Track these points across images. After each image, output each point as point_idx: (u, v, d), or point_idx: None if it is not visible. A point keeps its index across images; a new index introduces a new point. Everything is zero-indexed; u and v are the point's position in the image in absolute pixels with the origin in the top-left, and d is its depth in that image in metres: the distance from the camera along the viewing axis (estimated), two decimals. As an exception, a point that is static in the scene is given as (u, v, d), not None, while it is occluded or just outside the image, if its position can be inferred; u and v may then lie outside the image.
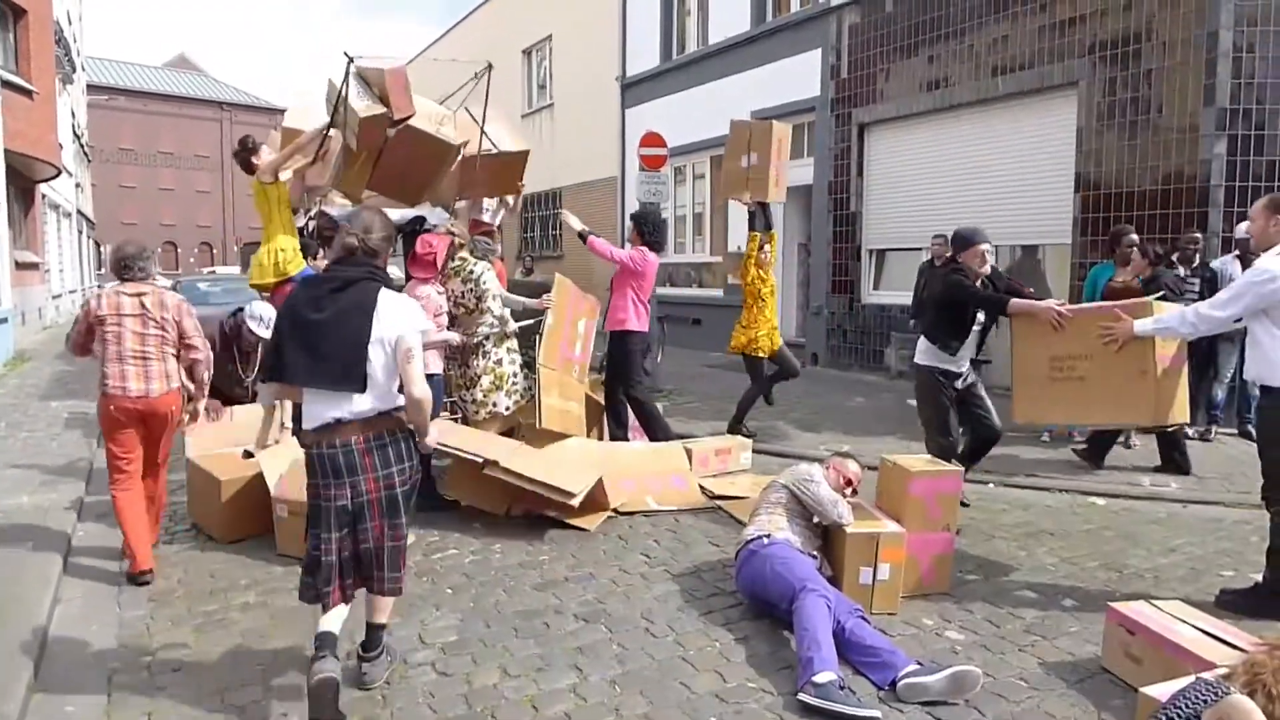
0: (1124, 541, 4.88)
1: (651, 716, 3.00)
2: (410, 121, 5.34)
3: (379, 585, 3.12)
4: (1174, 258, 6.99)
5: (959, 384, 5.12)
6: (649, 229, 6.46)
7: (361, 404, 2.96)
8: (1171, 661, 2.97)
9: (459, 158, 5.87)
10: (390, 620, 3.27)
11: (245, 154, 5.76)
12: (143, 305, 4.28)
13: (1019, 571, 4.39)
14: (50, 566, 4.29)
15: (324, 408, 2.97)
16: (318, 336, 2.93)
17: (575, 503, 4.79)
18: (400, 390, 3.04)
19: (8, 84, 13.71)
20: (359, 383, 2.92)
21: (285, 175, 5.61)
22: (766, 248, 7.22)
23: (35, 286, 18.19)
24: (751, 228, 7.35)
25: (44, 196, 19.13)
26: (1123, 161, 8.28)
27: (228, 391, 5.96)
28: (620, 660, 3.41)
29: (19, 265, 15.02)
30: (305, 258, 5.77)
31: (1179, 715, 2.38)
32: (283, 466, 4.70)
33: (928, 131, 10.49)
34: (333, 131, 5.59)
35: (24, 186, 17.01)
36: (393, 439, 3.04)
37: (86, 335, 4.33)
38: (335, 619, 3.02)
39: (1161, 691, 2.67)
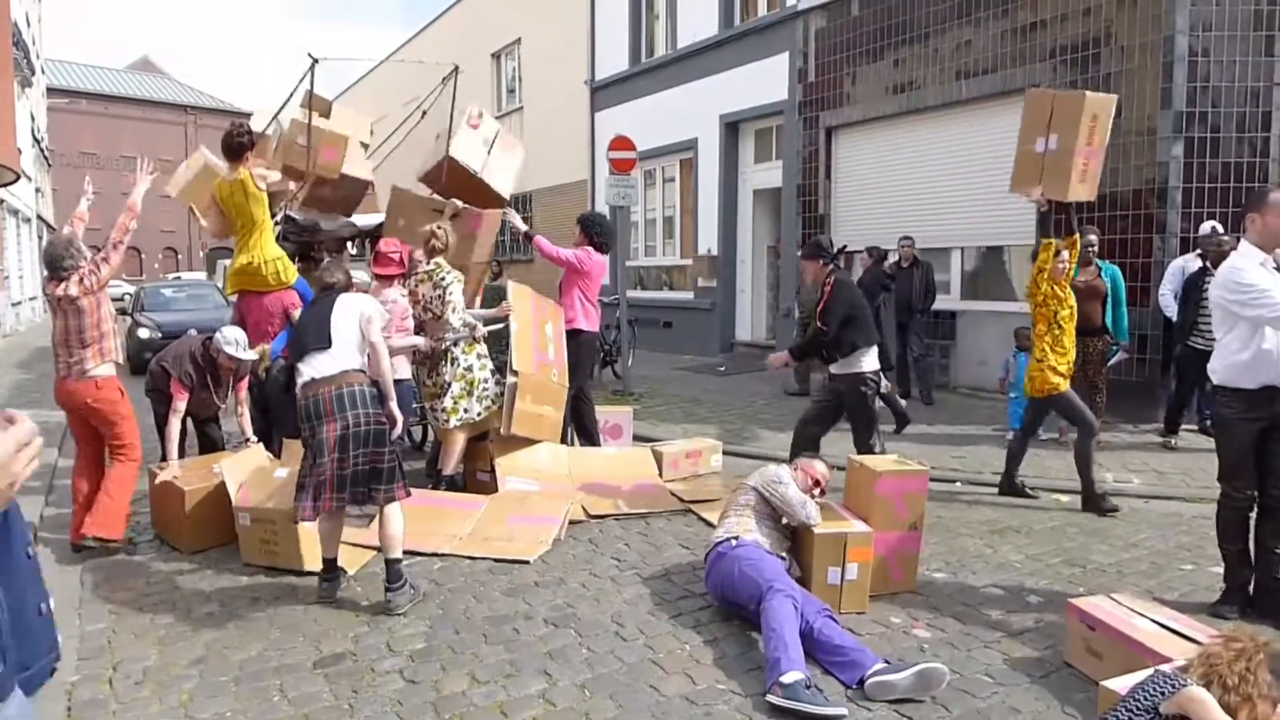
0: (1087, 537, 4.96)
1: (621, 720, 3.00)
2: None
3: (378, 496, 3.86)
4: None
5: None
6: (595, 230, 6.50)
7: (327, 367, 3.91)
8: (1130, 655, 3.03)
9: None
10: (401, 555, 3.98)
11: (242, 144, 5.51)
12: (59, 300, 4.66)
13: (985, 569, 4.44)
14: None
15: (306, 373, 3.93)
16: (306, 327, 4.12)
17: (532, 558, 4.59)
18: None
19: (-37, 87, 13.42)
20: (326, 342, 3.96)
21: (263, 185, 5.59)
22: (1065, 255, 5.50)
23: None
24: (1046, 233, 5.58)
25: (3, 202, 18.72)
26: (1084, 164, 8.40)
27: (203, 415, 5.76)
28: (590, 664, 3.41)
29: (-24, 272, 14.69)
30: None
31: (1138, 707, 2.42)
32: (243, 475, 4.65)
33: (895, 134, 10.60)
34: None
35: (-19, 192, 16.65)
36: (350, 389, 3.87)
37: None
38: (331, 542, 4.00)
39: (1121, 685, 2.72)
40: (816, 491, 4.11)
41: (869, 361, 5.28)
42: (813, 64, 11.49)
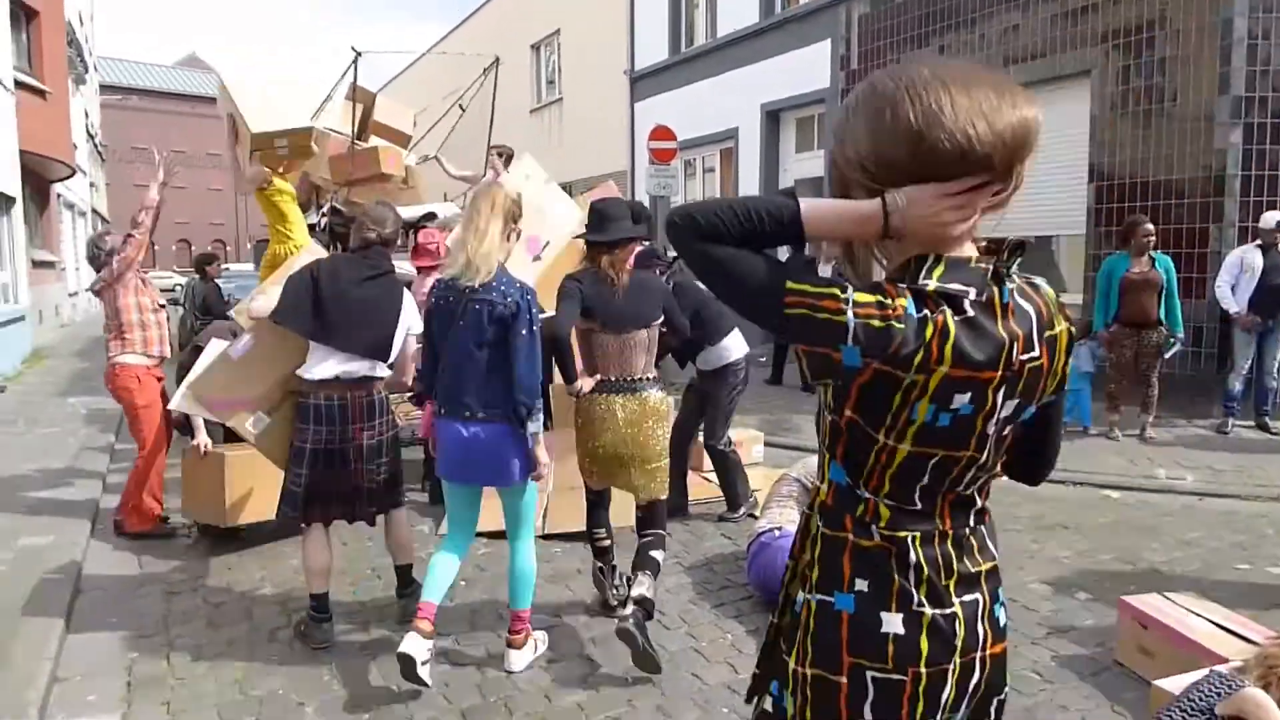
0: (1138, 535, 4.86)
1: (664, 708, 3.02)
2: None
3: (382, 507, 3.64)
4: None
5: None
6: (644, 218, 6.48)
7: (359, 369, 3.47)
8: (1185, 655, 2.96)
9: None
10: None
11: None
12: (95, 291, 4.92)
13: (1032, 565, 4.38)
14: (70, 560, 4.34)
15: (332, 368, 3.43)
16: (360, 312, 3.43)
17: None
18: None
19: (22, 85, 13.81)
20: (386, 356, 3.52)
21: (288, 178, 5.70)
22: None
23: (52, 285, 18.35)
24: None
25: (59, 196, 19.28)
26: (1137, 151, 8.20)
27: None
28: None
29: (36, 264, 15.15)
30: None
31: (1193, 708, 2.37)
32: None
33: (939, 123, 10.42)
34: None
35: (40, 186, 17.14)
36: (368, 399, 3.53)
37: None
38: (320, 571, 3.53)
39: (1175, 685, 2.66)
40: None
41: (734, 350, 5.01)
42: (855, 51, 11.34)
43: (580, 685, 3.18)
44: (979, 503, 1.33)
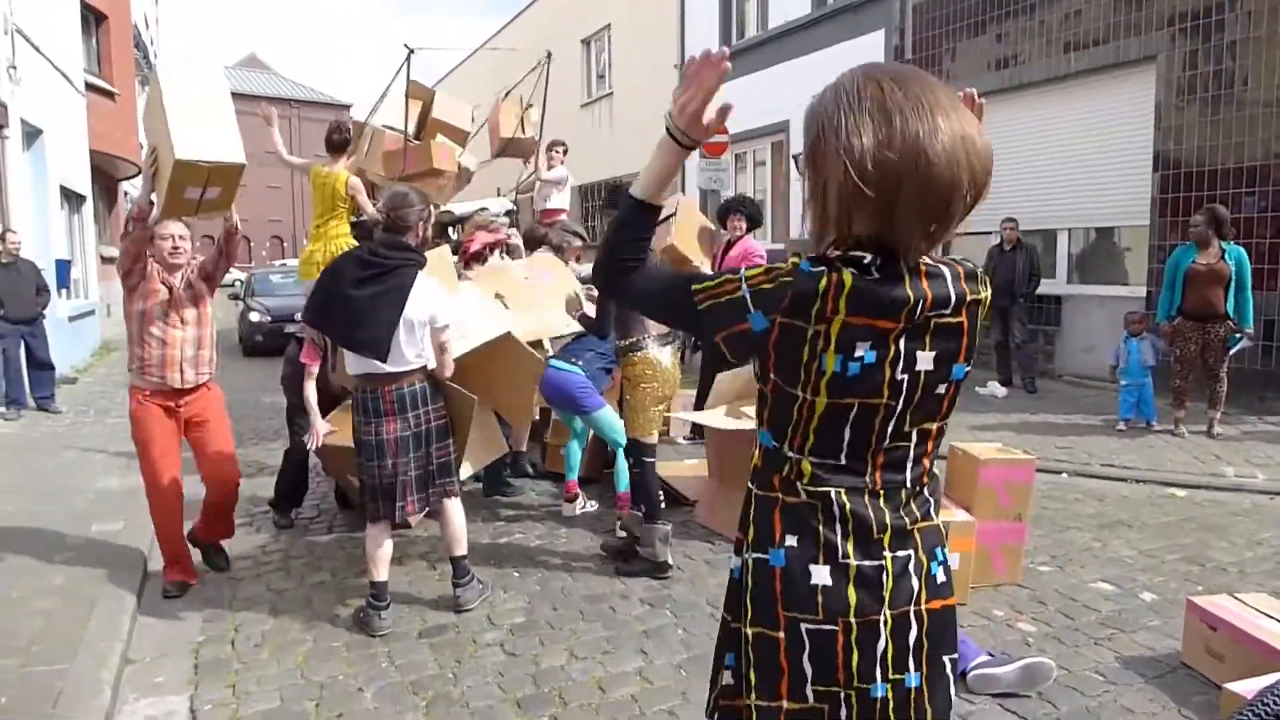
0: (1206, 534, 4.71)
1: (717, 701, 3.02)
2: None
3: (435, 496, 3.69)
4: None
5: None
6: (752, 212, 6.54)
7: (385, 365, 3.52)
8: (1256, 658, 2.87)
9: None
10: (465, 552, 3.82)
11: (344, 140, 5.99)
12: None
13: (1094, 563, 4.27)
14: (139, 546, 4.49)
15: (361, 363, 3.56)
16: (357, 311, 3.48)
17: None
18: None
19: (92, 87, 14.29)
20: (383, 356, 3.50)
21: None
22: None
23: (119, 279, 18.94)
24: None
25: (126, 194, 19.90)
26: (1204, 139, 7.92)
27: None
28: (686, 645, 3.43)
29: (104, 259, 15.68)
30: None
31: (1267, 712, 2.29)
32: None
33: (996, 112, 10.16)
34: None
35: (108, 185, 17.74)
36: (410, 389, 3.57)
37: None
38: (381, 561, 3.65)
39: (1246, 688, 2.58)
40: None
41: None
42: (910, 40, 11.14)
43: (635, 677, 3.19)
44: (918, 464, 1.37)
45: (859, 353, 1.25)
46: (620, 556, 4.28)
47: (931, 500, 1.40)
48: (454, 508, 3.77)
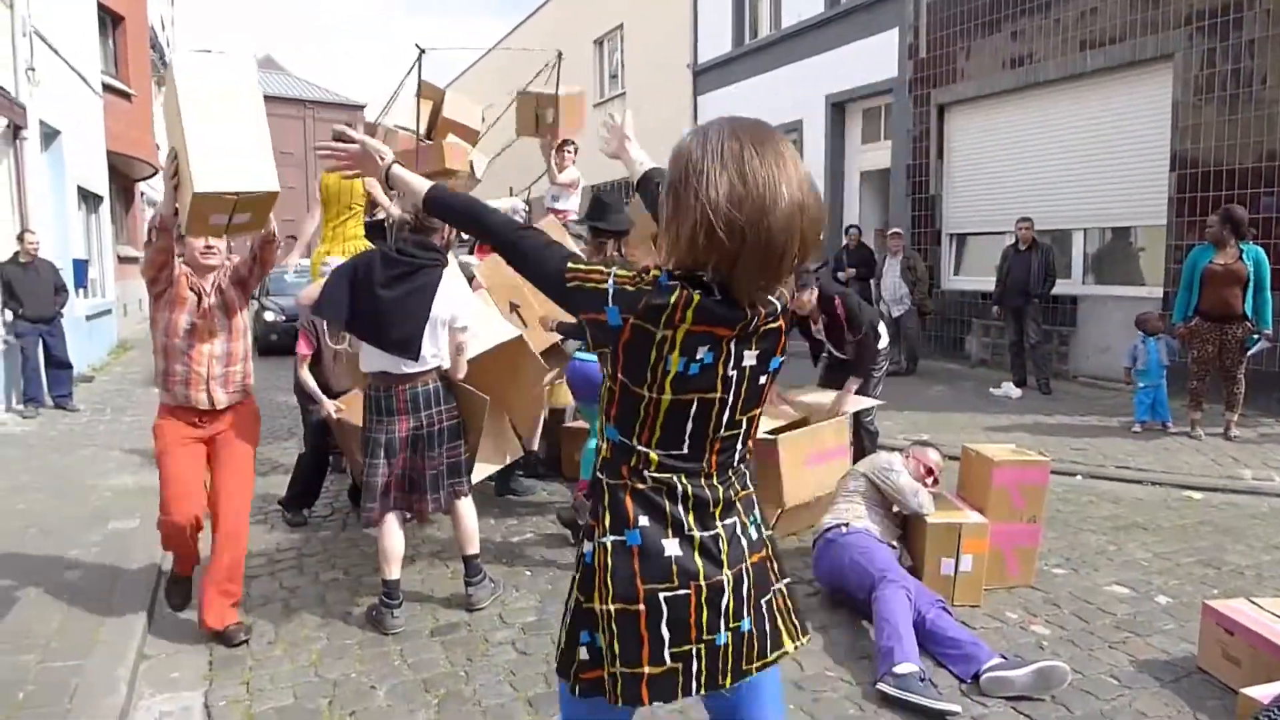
0: (1222, 537, 4.66)
1: (728, 702, 3.01)
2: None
3: (445, 496, 3.70)
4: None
5: None
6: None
7: (399, 364, 3.56)
8: (1274, 662, 2.84)
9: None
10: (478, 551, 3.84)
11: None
12: None
13: (1109, 566, 4.24)
14: (155, 544, 4.51)
15: (377, 361, 3.59)
16: (387, 311, 3.52)
17: None
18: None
19: (109, 88, 14.41)
20: (415, 355, 3.55)
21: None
22: None
23: (136, 279, 19.10)
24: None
25: (143, 194, 20.06)
26: (1222, 138, 7.85)
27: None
28: (696, 646, 3.43)
29: (121, 259, 15.82)
30: None
31: (1284, 717, 2.28)
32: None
33: (1011, 111, 10.14)
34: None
35: (124, 185, 17.88)
36: (424, 389, 3.62)
37: None
38: (394, 559, 3.63)
39: (1263, 693, 2.56)
40: (929, 480, 4.00)
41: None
42: (924, 39, 11.10)
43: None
44: (744, 445, 1.59)
45: (699, 355, 1.44)
46: (574, 527, 4.40)
47: (748, 472, 1.63)
48: (466, 507, 3.80)
